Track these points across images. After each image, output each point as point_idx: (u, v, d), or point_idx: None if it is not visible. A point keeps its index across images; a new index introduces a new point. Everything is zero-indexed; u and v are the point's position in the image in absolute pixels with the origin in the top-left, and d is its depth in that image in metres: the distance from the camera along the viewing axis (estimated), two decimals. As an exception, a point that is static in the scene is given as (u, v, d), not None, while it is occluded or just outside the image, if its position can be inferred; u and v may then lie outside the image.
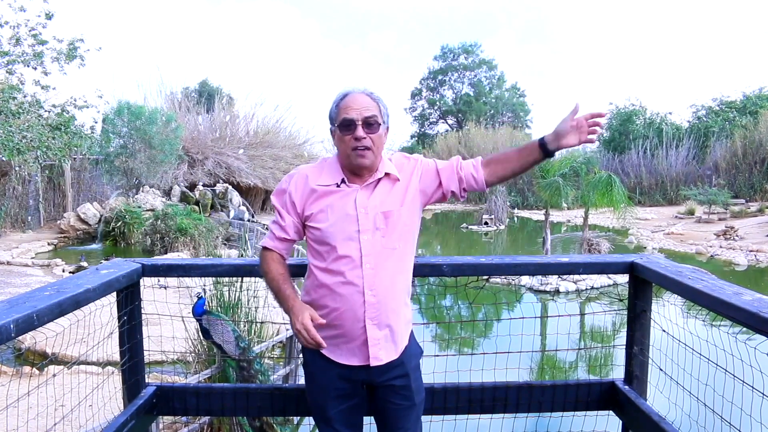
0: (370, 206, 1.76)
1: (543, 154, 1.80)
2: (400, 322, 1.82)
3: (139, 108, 16.42)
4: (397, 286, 1.80)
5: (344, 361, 1.81)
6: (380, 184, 1.80)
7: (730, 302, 1.50)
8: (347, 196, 1.77)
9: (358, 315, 1.75)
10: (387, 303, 1.77)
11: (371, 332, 1.76)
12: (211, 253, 12.01)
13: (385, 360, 1.79)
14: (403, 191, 1.82)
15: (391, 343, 1.81)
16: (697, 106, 31.09)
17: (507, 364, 2.43)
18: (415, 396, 1.86)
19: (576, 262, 2.20)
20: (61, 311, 1.53)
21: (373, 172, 1.79)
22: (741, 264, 12.89)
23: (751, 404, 1.64)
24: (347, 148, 1.75)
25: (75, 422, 3.61)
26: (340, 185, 1.79)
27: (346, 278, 1.74)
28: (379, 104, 1.80)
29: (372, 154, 1.75)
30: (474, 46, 41.52)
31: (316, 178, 1.81)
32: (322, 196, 1.79)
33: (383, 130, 1.80)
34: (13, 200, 14.68)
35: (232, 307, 4.67)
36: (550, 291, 10.13)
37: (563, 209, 20.51)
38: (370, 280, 1.74)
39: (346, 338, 1.80)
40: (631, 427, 2.13)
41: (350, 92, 1.79)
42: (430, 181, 1.87)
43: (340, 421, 1.85)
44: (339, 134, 1.77)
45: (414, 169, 1.86)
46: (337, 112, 1.78)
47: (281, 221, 1.84)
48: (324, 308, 1.77)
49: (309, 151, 26.88)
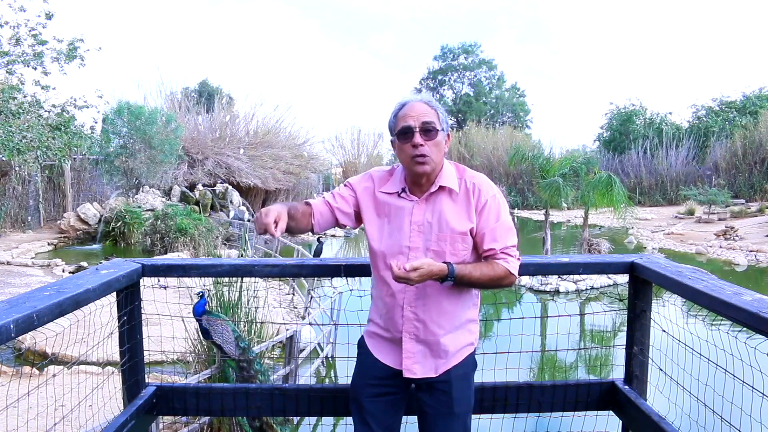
0: (425, 223, 1.76)
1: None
2: (446, 344, 1.80)
3: (139, 108, 16.41)
4: (445, 307, 1.78)
5: (382, 359, 1.85)
6: (438, 198, 1.78)
7: (730, 302, 1.50)
8: (404, 209, 1.78)
9: (398, 325, 1.80)
10: (428, 322, 1.77)
11: (407, 344, 1.79)
12: (211, 253, 12.02)
13: (420, 375, 1.80)
14: (463, 216, 1.76)
15: (430, 359, 1.80)
16: (697, 106, 31.14)
17: (507, 364, 2.42)
18: (456, 405, 1.81)
19: (576, 262, 2.20)
20: (61, 311, 1.53)
21: (432, 182, 1.77)
22: (741, 264, 12.89)
23: (751, 404, 1.64)
24: (407, 156, 1.74)
25: (75, 422, 3.61)
26: (401, 194, 1.80)
27: (391, 289, 1.79)
28: (438, 111, 1.77)
29: (432, 161, 1.73)
30: (474, 46, 41.54)
31: (382, 184, 1.85)
32: (382, 204, 1.82)
33: (442, 137, 1.76)
34: (13, 200, 14.68)
35: (232, 307, 4.68)
36: (550, 291, 10.14)
37: (563, 209, 20.52)
38: (411, 297, 1.77)
39: (387, 339, 1.85)
40: (631, 427, 2.13)
41: (408, 101, 1.78)
42: (476, 228, 1.77)
43: (372, 413, 1.83)
44: (398, 143, 1.76)
45: (480, 205, 1.77)
46: (396, 122, 1.77)
47: (333, 199, 1.87)
48: (376, 305, 1.88)
49: (309, 152, 26.87)
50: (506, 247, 1.75)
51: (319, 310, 7.35)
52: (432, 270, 1.63)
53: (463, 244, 1.76)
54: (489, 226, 1.76)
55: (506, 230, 1.77)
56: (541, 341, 6.01)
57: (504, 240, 1.76)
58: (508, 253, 1.76)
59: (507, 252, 1.75)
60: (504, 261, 1.74)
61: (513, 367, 2.44)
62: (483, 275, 1.71)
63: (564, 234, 18.45)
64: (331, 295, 7.15)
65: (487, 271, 1.72)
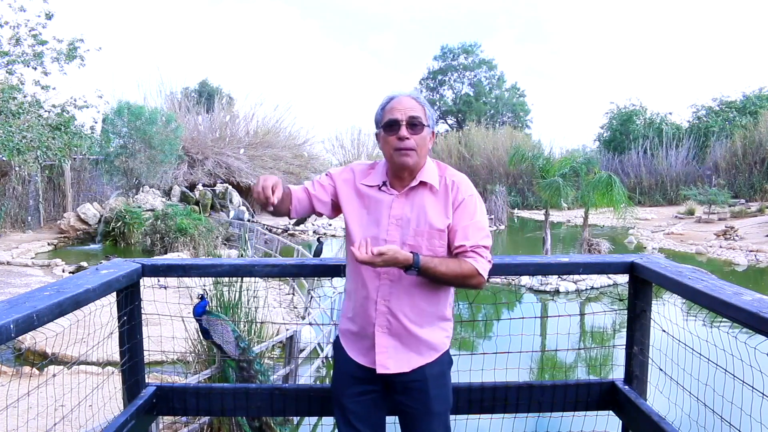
0: (403, 217, 1.76)
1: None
2: (418, 339, 1.79)
3: (139, 108, 16.43)
4: (418, 303, 1.78)
5: (356, 359, 1.84)
6: (418, 193, 1.78)
7: (730, 302, 1.50)
8: (384, 203, 1.78)
9: (371, 319, 1.79)
10: (400, 317, 1.77)
11: (379, 339, 1.79)
12: (211, 253, 12.03)
13: (393, 370, 1.79)
14: (441, 212, 1.77)
15: (403, 353, 1.80)
16: (697, 106, 31.12)
17: (507, 364, 2.42)
18: (433, 403, 1.80)
19: (576, 262, 2.20)
20: (61, 311, 1.53)
21: (413, 176, 1.78)
22: (741, 264, 12.89)
23: (751, 404, 1.64)
24: (390, 148, 1.75)
25: (75, 422, 3.61)
26: (382, 188, 1.80)
27: (364, 283, 1.79)
28: (425, 108, 1.78)
29: (416, 154, 1.74)
30: (474, 46, 41.50)
31: (363, 177, 1.85)
32: (362, 196, 1.82)
33: (428, 132, 1.77)
34: (13, 200, 14.68)
35: (232, 307, 4.68)
36: (550, 291, 10.14)
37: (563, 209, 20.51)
38: (385, 291, 1.76)
39: (359, 336, 1.84)
40: (631, 427, 2.13)
41: (396, 95, 1.79)
42: (450, 224, 1.78)
43: (355, 414, 1.83)
44: (383, 135, 1.77)
45: (457, 203, 1.78)
46: (383, 115, 1.78)
47: (311, 187, 1.87)
48: (350, 298, 1.88)
49: (309, 152, 26.89)
50: (477, 245, 1.73)
51: (319, 310, 7.35)
52: (397, 257, 1.62)
53: (440, 240, 1.76)
54: (462, 224, 1.75)
55: (479, 229, 1.75)
56: (541, 341, 6.01)
57: (475, 238, 1.73)
58: (478, 252, 1.73)
59: (477, 251, 1.73)
60: (473, 260, 1.71)
61: (513, 367, 2.44)
62: (449, 270, 1.69)
63: (564, 234, 18.45)
64: (331, 295, 7.14)
65: (454, 267, 1.69)
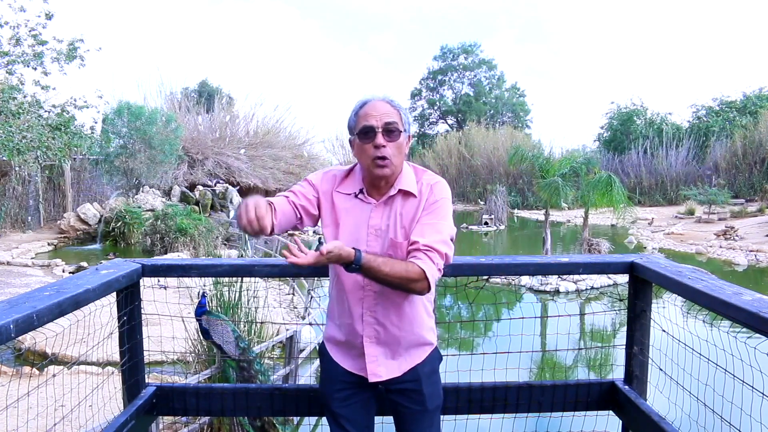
0: (382, 227, 1.73)
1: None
2: (407, 344, 1.79)
3: (139, 108, 16.42)
4: (404, 308, 1.76)
5: (347, 367, 1.83)
6: (396, 201, 1.73)
7: (730, 302, 1.50)
8: (362, 212, 1.74)
9: (357, 329, 1.77)
10: (388, 325, 1.76)
11: (368, 348, 1.77)
12: (211, 253, 12.03)
13: (386, 377, 1.78)
14: (417, 220, 1.72)
15: (393, 360, 1.79)
16: (697, 106, 31.15)
17: (507, 364, 2.43)
18: (428, 401, 1.82)
19: (576, 262, 2.20)
20: (61, 311, 1.53)
21: (391, 184, 1.73)
22: (741, 264, 12.89)
23: (751, 404, 1.64)
24: (368, 158, 1.68)
25: (75, 422, 3.61)
26: (358, 195, 1.76)
27: (347, 295, 1.77)
28: (401, 112, 1.72)
29: (392, 164, 1.68)
30: (474, 46, 41.51)
31: (340, 184, 1.79)
32: (339, 204, 1.77)
33: (404, 138, 1.72)
34: (13, 200, 14.68)
35: (232, 307, 4.68)
36: (550, 291, 10.14)
37: (563, 209, 20.53)
38: (370, 302, 1.75)
39: (347, 345, 1.83)
40: (631, 427, 2.13)
41: (370, 100, 1.73)
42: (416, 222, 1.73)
43: (346, 417, 1.83)
44: (359, 143, 1.70)
45: (428, 204, 1.73)
46: (357, 121, 1.71)
47: (296, 198, 1.76)
48: (334, 311, 1.85)
49: (309, 152, 26.90)
50: (430, 247, 1.64)
51: (319, 310, 7.35)
52: (341, 254, 1.55)
53: None
54: (424, 220, 1.70)
55: (437, 231, 1.68)
56: (541, 341, 6.02)
57: (431, 239, 1.65)
58: (429, 255, 1.63)
59: (428, 253, 1.63)
60: (422, 261, 1.62)
61: (513, 367, 2.44)
62: (393, 272, 1.59)
63: (564, 234, 18.46)
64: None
65: (399, 269, 1.60)
